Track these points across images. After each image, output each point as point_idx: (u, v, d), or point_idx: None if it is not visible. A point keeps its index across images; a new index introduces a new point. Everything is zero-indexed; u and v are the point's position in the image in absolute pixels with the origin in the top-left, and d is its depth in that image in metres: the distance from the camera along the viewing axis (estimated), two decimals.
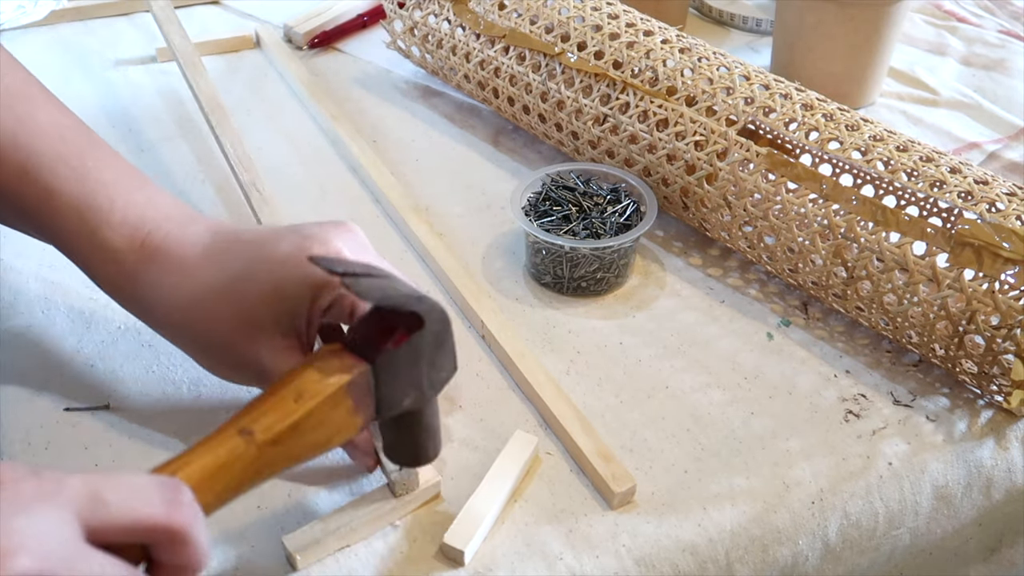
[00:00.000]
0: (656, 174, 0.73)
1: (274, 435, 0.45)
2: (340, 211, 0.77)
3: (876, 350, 0.66)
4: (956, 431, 0.60)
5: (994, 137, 0.90)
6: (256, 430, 0.45)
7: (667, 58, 0.73)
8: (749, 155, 0.67)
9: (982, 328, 0.58)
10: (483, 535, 0.52)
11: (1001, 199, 0.59)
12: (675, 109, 0.71)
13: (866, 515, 0.57)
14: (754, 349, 0.66)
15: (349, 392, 0.47)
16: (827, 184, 0.64)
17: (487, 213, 0.78)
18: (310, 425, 0.46)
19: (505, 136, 0.88)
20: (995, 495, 0.61)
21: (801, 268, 0.66)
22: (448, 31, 0.86)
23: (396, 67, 0.97)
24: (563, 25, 0.78)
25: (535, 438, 0.57)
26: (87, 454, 0.57)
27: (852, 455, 0.58)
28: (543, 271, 0.69)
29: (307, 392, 0.46)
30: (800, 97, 0.69)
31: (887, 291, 0.62)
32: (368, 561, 0.51)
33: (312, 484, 0.55)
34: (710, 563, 0.53)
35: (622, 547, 0.52)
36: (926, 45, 1.06)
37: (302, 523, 0.52)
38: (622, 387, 0.62)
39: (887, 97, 0.95)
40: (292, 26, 1.01)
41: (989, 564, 0.65)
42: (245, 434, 0.45)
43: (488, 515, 0.52)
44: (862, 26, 0.87)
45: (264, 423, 0.45)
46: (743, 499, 0.55)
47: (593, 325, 0.67)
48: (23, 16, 1.02)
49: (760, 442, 0.59)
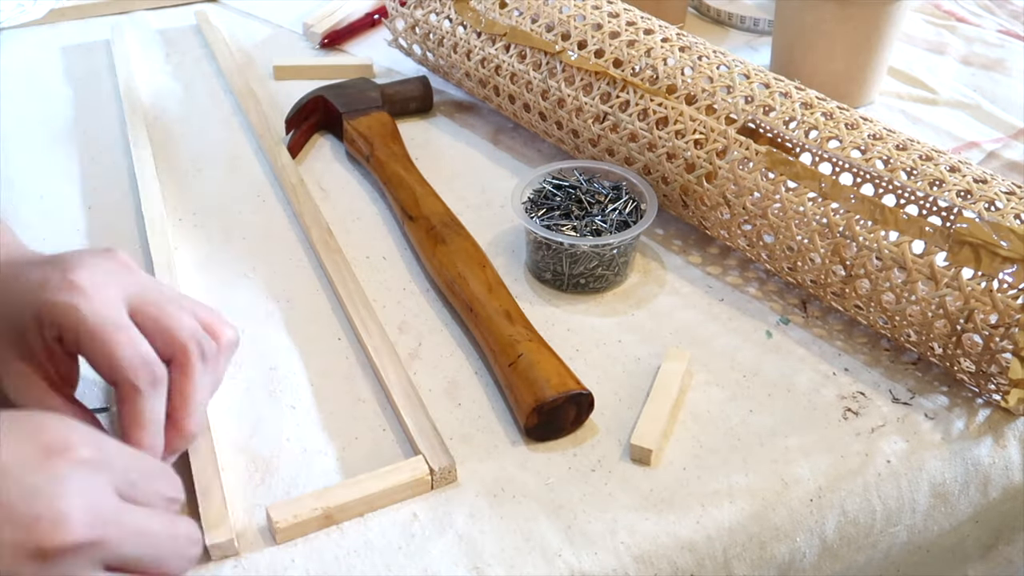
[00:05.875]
0: (656, 172, 0.73)
1: None
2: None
3: (875, 348, 0.66)
4: (954, 429, 0.61)
5: (993, 136, 0.90)
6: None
7: (667, 56, 0.73)
8: (748, 153, 0.67)
9: (980, 327, 0.58)
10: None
11: (1000, 198, 0.60)
12: (675, 107, 0.71)
13: (864, 512, 0.57)
14: (753, 347, 0.66)
15: None
16: (826, 183, 0.64)
17: (487, 211, 0.78)
18: None
19: (505, 134, 0.88)
20: (992, 493, 0.61)
21: (800, 266, 0.67)
22: (449, 29, 0.86)
23: (398, 65, 0.97)
24: (564, 23, 0.78)
25: (688, 352, 0.63)
26: None
27: (850, 453, 0.58)
28: (543, 268, 0.70)
29: None
30: (800, 96, 0.69)
31: (886, 289, 0.62)
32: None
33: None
34: (708, 560, 0.53)
35: (620, 544, 0.53)
36: (925, 44, 1.06)
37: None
38: (621, 384, 0.63)
39: (886, 96, 0.95)
40: (310, 25, 1.02)
41: (986, 561, 0.65)
42: None
43: (661, 421, 0.58)
44: (862, 25, 0.87)
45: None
46: (741, 496, 0.56)
47: (592, 323, 0.67)
48: (22, 14, 1.02)
49: (759, 440, 0.59)
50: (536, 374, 0.58)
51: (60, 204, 0.77)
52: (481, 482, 0.56)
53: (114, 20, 1.05)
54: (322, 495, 0.53)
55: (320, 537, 0.53)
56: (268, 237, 0.75)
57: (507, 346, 0.61)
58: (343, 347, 0.65)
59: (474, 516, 0.54)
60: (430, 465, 0.55)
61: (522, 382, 0.58)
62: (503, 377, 0.60)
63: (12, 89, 0.92)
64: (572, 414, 0.58)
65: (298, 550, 0.52)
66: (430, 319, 0.67)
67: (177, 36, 1.03)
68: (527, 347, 0.60)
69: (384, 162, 0.78)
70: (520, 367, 0.59)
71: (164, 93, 0.93)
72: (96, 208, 0.77)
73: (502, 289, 0.66)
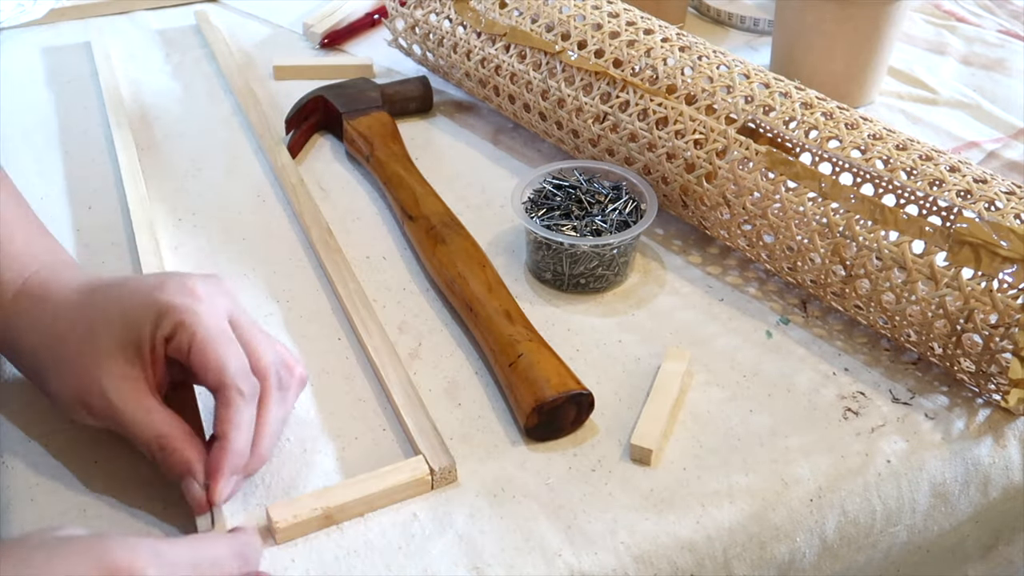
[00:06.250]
0: (655, 172, 0.73)
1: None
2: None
3: (875, 348, 0.66)
4: (954, 429, 0.60)
5: (993, 136, 0.90)
6: None
7: (667, 56, 0.73)
8: (748, 153, 0.67)
9: (980, 327, 0.58)
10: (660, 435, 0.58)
11: (1000, 198, 0.60)
12: (675, 107, 0.71)
13: (864, 512, 0.57)
14: (753, 347, 0.66)
15: None
16: (826, 182, 0.64)
17: (487, 211, 0.78)
18: None
19: (505, 134, 0.88)
20: (992, 493, 0.61)
21: (800, 266, 0.67)
22: (449, 29, 0.86)
23: (398, 65, 0.97)
24: (563, 23, 0.78)
25: (688, 352, 0.63)
26: (88, 460, 0.57)
27: (850, 453, 0.58)
28: (543, 268, 0.70)
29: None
30: (800, 96, 0.69)
31: (885, 289, 0.62)
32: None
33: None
34: (708, 560, 0.53)
35: (620, 544, 0.53)
36: (925, 44, 1.06)
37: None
38: (621, 385, 0.63)
39: (886, 96, 0.95)
40: (310, 25, 1.02)
41: (986, 562, 0.65)
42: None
43: (661, 421, 0.58)
44: (862, 25, 0.87)
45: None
46: (741, 496, 0.56)
47: (592, 323, 0.67)
48: (23, 14, 1.02)
49: (759, 440, 0.59)
50: (536, 374, 0.58)
51: (60, 204, 0.77)
52: (481, 482, 0.56)
53: (109, 21, 1.04)
54: (322, 495, 0.53)
55: (320, 537, 0.53)
56: (268, 237, 0.75)
57: (507, 346, 0.61)
58: (343, 347, 0.65)
59: (474, 516, 0.54)
60: (430, 465, 0.55)
61: (522, 382, 0.58)
62: (503, 377, 0.60)
63: (12, 89, 0.92)
64: (572, 414, 0.58)
65: (298, 550, 0.52)
66: (430, 319, 0.67)
67: (177, 36, 1.03)
68: (527, 347, 0.60)
69: (384, 162, 0.78)
70: (520, 367, 0.59)
71: (164, 93, 0.93)
72: (95, 209, 0.77)
73: (502, 289, 0.66)
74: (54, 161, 0.83)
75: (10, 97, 0.91)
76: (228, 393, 0.52)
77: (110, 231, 0.75)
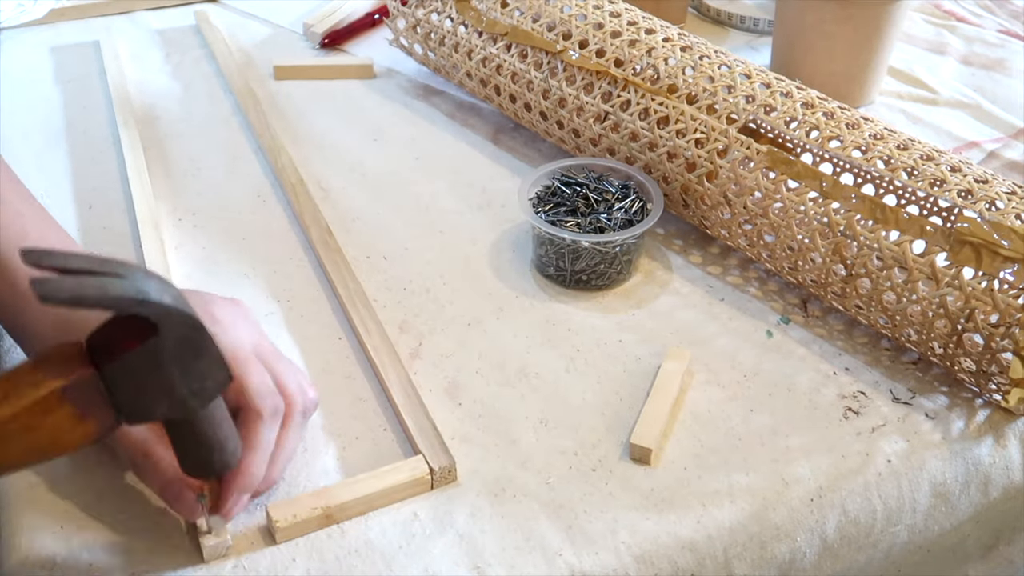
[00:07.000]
0: (656, 172, 0.73)
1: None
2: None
3: (875, 348, 0.66)
4: (954, 429, 0.60)
5: (993, 136, 0.90)
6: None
7: (668, 56, 0.73)
8: (749, 153, 0.67)
9: (981, 326, 0.58)
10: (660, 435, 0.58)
11: (1001, 198, 0.60)
12: (676, 107, 0.71)
13: (864, 512, 0.57)
14: (753, 347, 0.66)
15: (66, 397, 0.43)
16: (827, 182, 0.64)
17: (487, 211, 0.78)
18: (17, 428, 0.42)
19: (505, 134, 0.88)
20: (993, 493, 0.61)
21: (801, 266, 0.66)
22: (450, 28, 0.86)
23: (398, 65, 0.97)
24: (565, 23, 0.78)
25: (688, 352, 0.63)
26: (89, 460, 0.56)
27: (851, 452, 0.58)
28: (547, 263, 0.70)
29: (15, 393, 0.42)
30: (800, 95, 0.69)
31: (886, 289, 0.62)
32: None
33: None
34: (708, 560, 0.53)
35: (621, 544, 0.53)
36: (926, 44, 1.06)
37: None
38: (621, 384, 0.63)
39: (887, 96, 0.95)
40: (311, 25, 1.02)
41: (987, 561, 0.65)
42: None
43: (661, 420, 0.58)
44: (862, 25, 0.87)
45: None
46: (742, 496, 0.56)
47: (593, 323, 0.67)
48: (23, 14, 1.02)
49: (759, 439, 0.59)
50: None
51: (59, 204, 0.77)
52: (482, 481, 0.56)
53: (109, 21, 1.04)
54: (322, 494, 0.53)
55: (320, 537, 0.53)
56: (268, 237, 0.75)
57: None
58: (343, 347, 0.65)
59: (474, 516, 0.54)
60: (430, 465, 0.55)
61: None
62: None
63: (12, 89, 0.92)
64: None
65: (298, 549, 0.52)
66: (430, 319, 0.67)
67: (177, 36, 1.03)
68: None
69: None
70: None
71: (164, 93, 0.93)
72: (96, 208, 0.77)
73: None
74: (55, 160, 0.83)
75: (10, 97, 0.91)
76: (248, 414, 0.52)
77: (111, 231, 0.74)
